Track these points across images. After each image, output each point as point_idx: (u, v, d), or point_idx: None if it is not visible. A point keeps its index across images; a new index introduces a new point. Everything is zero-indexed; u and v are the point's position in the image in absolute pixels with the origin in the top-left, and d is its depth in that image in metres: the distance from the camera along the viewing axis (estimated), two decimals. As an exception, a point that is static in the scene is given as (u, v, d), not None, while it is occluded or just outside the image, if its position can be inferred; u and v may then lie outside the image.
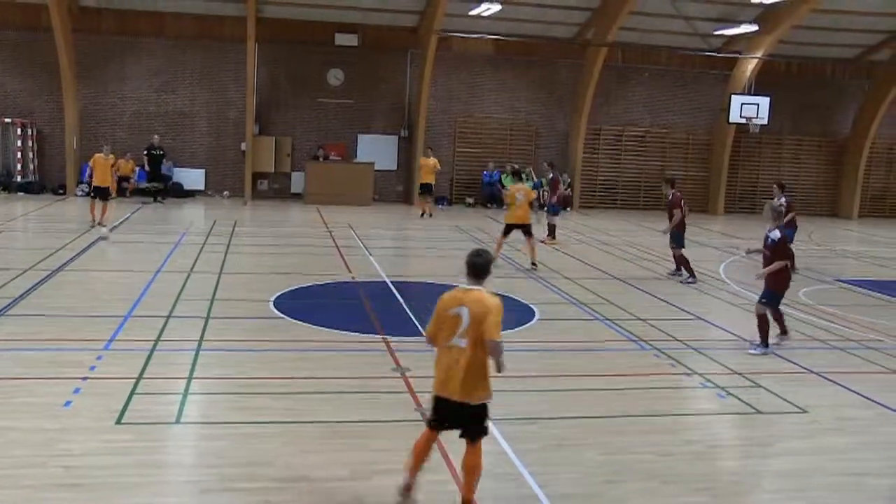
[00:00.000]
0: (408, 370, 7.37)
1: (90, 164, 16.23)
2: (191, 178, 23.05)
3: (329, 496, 4.91)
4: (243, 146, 22.64)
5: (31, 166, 21.96)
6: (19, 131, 21.53)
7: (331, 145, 23.34)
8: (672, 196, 12.86)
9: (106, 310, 9.18)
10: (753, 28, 22.08)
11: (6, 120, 21.54)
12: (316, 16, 22.51)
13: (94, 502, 4.69)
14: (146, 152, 21.03)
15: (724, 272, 14.04)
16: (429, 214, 20.49)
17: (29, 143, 21.81)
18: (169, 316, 8.98)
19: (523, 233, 13.11)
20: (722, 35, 23.17)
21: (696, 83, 25.50)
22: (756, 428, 6.50)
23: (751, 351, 8.54)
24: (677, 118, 25.68)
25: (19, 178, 21.70)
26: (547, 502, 4.93)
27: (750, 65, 23.79)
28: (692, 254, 15.72)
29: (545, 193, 24.57)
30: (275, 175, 23.67)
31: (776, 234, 8.48)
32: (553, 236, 17.00)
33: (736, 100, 23.23)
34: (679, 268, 13.00)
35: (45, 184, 22.12)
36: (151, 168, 21.11)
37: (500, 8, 20.19)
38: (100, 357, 7.37)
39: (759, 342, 8.56)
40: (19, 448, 5.31)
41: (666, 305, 10.95)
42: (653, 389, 7.26)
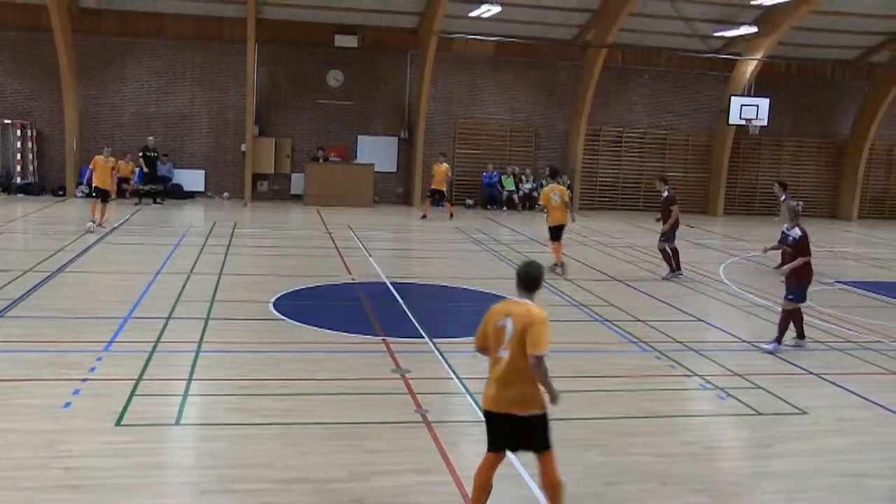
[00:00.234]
0: (408, 371, 7.37)
1: (90, 166, 16.22)
2: (190, 180, 23.04)
3: (329, 497, 4.91)
4: (243, 147, 22.65)
5: (31, 167, 21.95)
6: (19, 132, 21.53)
7: (331, 147, 23.34)
8: (668, 193, 13.06)
9: (105, 311, 9.18)
10: (753, 29, 22.10)
11: (6, 121, 21.53)
12: (316, 17, 22.53)
13: (94, 504, 4.69)
14: (141, 154, 21.02)
15: (724, 273, 14.04)
16: (450, 215, 20.84)
17: (28, 145, 21.81)
18: (169, 317, 8.98)
19: (554, 236, 12.93)
20: (722, 36, 23.18)
21: (696, 84, 25.51)
22: (756, 429, 6.50)
23: (763, 346, 8.71)
24: (677, 119, 25.70)
25: (19, 180, 21.69)
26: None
27: (749, 66, 23.81)
28: (692, 255, 15.76)
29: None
30: (275, 176, 23.68)
31: (797, 233, 8.75)
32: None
33: (736, 101, 23.25)
34: (673, 267, 13.08)
35: (45, 185, 22.12)
36: (147, 169, 21.09)
37: (500, 9, 20.20)
38: (99, 358, 7.36)
39: (774, 339, 8.73)
40: (19, 450, 5.31)
41: (666, 307, 10.95)
42: (653, 391, 7.26)
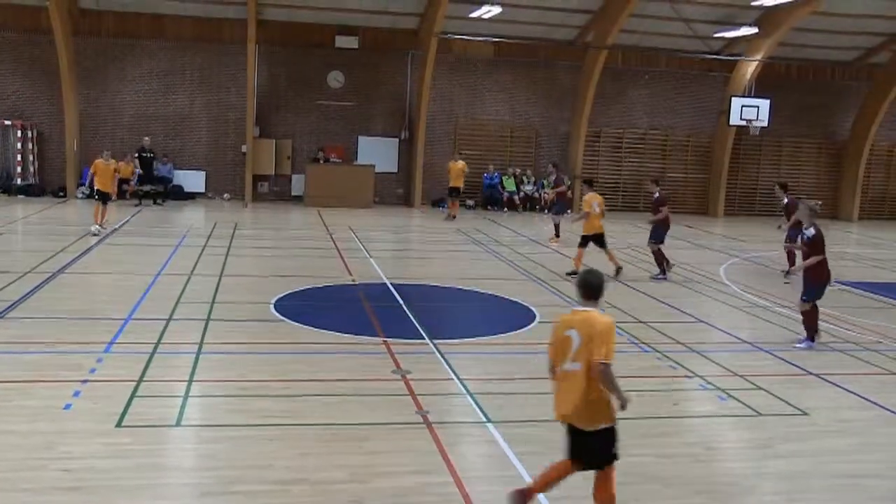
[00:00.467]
0: (408, 372, 7.37)
1: (91, 171, 16.15)
2: (191, 181, 23.05)
3: (329, 499, 4.91)
4: (244, 148, 22.66)
5: (31, 169, 21.96)
6: (19, 133, 21.54)
7: (331, 147, 23.35)
8: (659, 194, 13.26)
9: (106, 312, 9.18)
10: (753, 30, 22.10)
11: (6, 122, 21.54)
12: (316, 18, 22.55)
13: (94, 505, 4.69)
14: (136, 155, 21.01)
15: (725, 274, 14.04)
16: (452, 216, 20.78)
17: (29, 146, 21.82)
18: (169, 318, 8.98)
19: (600, 244, 12.93)
20: (722, 37, 23.18)
21: (697, 85, 25.52)
22: (756, 430, 6.50)
23: (797, 346, 8.90)
24: (677, 120, 25.70)
25: (19, 181, 21.71)
26: (547, 505, 4.92)
27: (750, 67, 23.82)
28: (693, 256, 15.76)
29: (546, 194, 24.67)
30: (275, 177, 23.68)
31: (811, 231, 8.94)
32: (558, 234, 17.38)
33: (736, 102, 23.26)
34: (662, 268, 13.18)
35: (45, 186, 22.13)
36: (142, 170, 21.08)
37: (501, 10, 20.22)
38: (100, 360, 7.36)
39: (805, 337, 8.96)
40: (19, 451, 5.31)
41: (667, 308, 10.95)
42: (653, 392, 7.25)
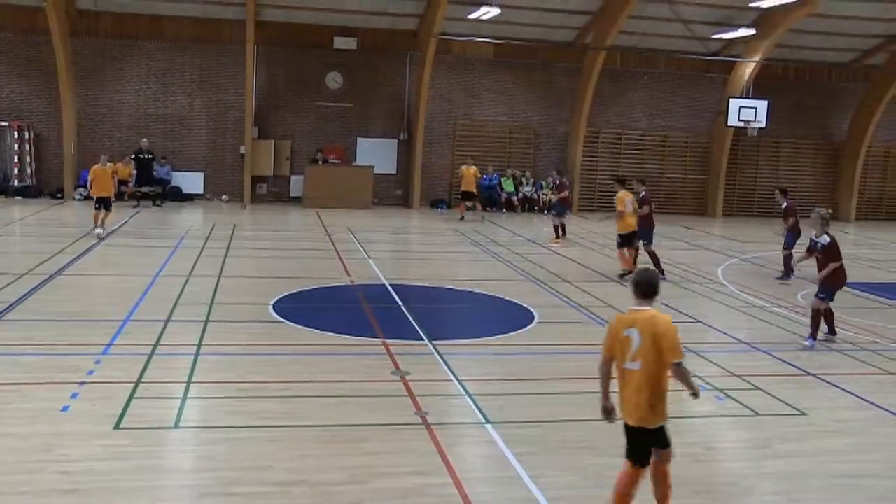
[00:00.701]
0: (407, 373, 7.37)
1: (90, 177, 15.90)
2: (189, 182, 23.03)
3: (328, 500, 4.91)
4: (242, 149, 22.65)
5: (29, 170, 21.92)
6: (16, 135, 21.51)
7: (330, 148, 23.35)
8: (644, 193, 13.38)
9: (104, 314, 9.17)
10: (751, 32, 22.14)
11: (3, 123, 21.51)
12: (315, 19, 22.56)
13: (93, 507, 4.68)
14: (133, 156, 21.01)
15: (723, 275, 14.06)
16: (461, 217, 21.03)
17: (26, 147, 21.78)
18: (168, 320, 8.97)
19: (630, 242, 12.92)
20: (720, 39, 23.22)
21: (695, 86, 25.56)
22: (754, 430, 6.51)
23: (805, 343, 8.96)
24: (676, 121, 25.73)
25: (16, 182, 21.67)
26: (546, 506, 4.93)
27: (748, 68, 23.86)
28: (691, 256, 15.77)
29: (544, 195, 24.71)
30: (274, 178, 23.68)
31: (826, 239, 9.01)
32: (558, 235, 17.57)
33: (734, 103, 23.30)
34: (660, 268, 13.09)
35: (43, 188, 22.11)
36: (140, 172, 21.07)
37: (500, 12, 20.24)
38: (98, 361, 7.35)
39: (809, 335, 9.01)
40: (17, 454, 5.30)
41: (664, 308, 10.92)
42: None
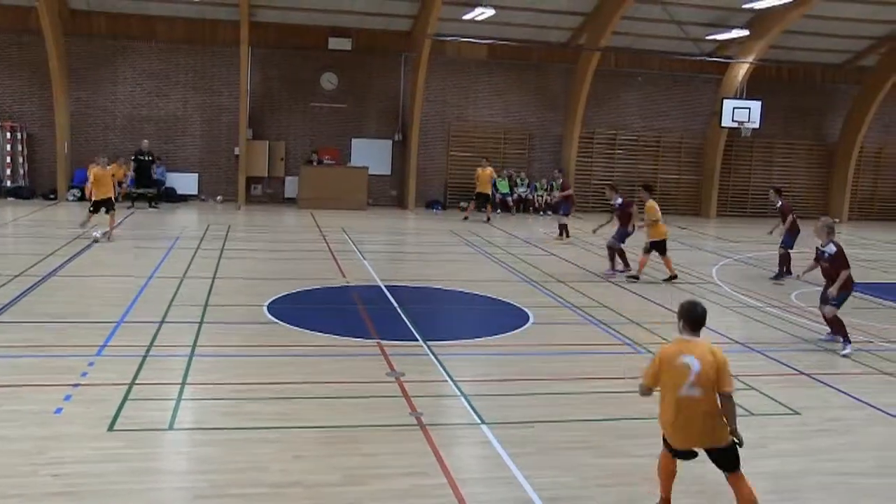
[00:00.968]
0: (402, 374, 7.37)
1: (90, 181, 15.54)
2: (184, 183, 22.97)
3: (323, 501, 4.90)
4: (237, 150, 22.61)
5: (21, 171, 21.83)
6: (9, 135, 21.39)
7: (324, 149, 23.32)
8: (623, 200, 13.90)
9: (98, 315, 9.14)
10: (745, 33, 22.22)
11: (-4, 124, 21.46)
12: (309, 20, 22.53)
13: (87, 509, 4.66)
14: (133, 157, 20.96)
15: (717, 275, 14.10)
16: (486, 218, 21.37)
17: (19, 148, 21.67)
18: (162, 321, 8.95)
19: (661, 250, 13.04)
20: (714, 40, 23.30)
21: (689, 87, 25.64)
22: (749, 429, 6.48)
23: (843, 352, 8.82)
24: (670, 122, 25.81)
25: (9, 183, 21.56)
26: (541, 506, 4.93)
27: (741, 69, 23.95)
28: (685, 257, 15.80)
29: (539, 196, 24.72)
30: (268, 179, 23.64)
31: (832, 248, 8.99)
32: (562, 235, 17.90)
33: (728, 104, 23.36)
34: (615, 266, 13.47)
35: (36, 188, 22.01)
36: (139, 173, 21.02)
37: (494, 13, 20.26)
38: (91, 363, 7.32)
39: (843, 340, 8.95)
40: (9, 457, 5.27)
41: (659, 308, 10.98)
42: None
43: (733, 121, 23.34)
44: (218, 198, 23.19)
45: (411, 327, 9.15)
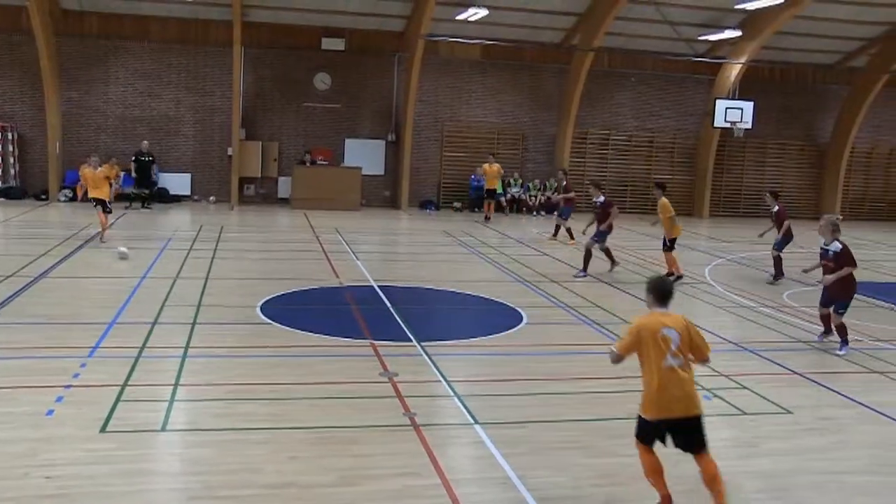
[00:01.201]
0: (395, 374, 7.37)
1: (81, 180, 15.48)
2: (176, 183, 22.91)
3: (317, 502, 4.90)
4: (230, 151, 22.55)
5: (13, 171, 21.72)
6: (0, 135, 21.32)
7: (317, 150, 23.29)
8: (605, 199, 13.83)
9: (90, 316, 9.10)
10: (737, 34, 22.32)
11: (-14, 124, 21.34)
12: (302, 20, 22.50)
13: (79, 511, 4.64)
14: (134, 158, 20.90)
15: (710, 275, 14.15)
16: (486, 218, 21.59)
17: (10, 148, 21.56)
18: (154, 322, 8.92)
19: (665, 245, 13.20)
20: (706, 40, 23.40)
21: (682, 88, 25.73)
22: (741, 429, 6.56)
23: (839, 352, 8.85)
24: (663, 122, 25.89)
25: (0, 184, 21.46)
26: (535, 506, 4.94)
27: (734, 70, 24.05)
28: (678, 256, 15.81)
29: (532, 196, 24.75)
30: (261, 180, 23.59)
31: (837, 246, 8.82)
32: (567, 236, 17.88)
33: (720, 104, 23.47)
34: (586, 266, 13.35)
35: (27, 189, 21.90)
36: (139, 174, 20.96)
37: (487, 13, 20.27)
38: (83, 364, 7.29)
39: (841, 342, 8.94)
40: (0, 459, 5.24)
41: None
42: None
43: (726, 121, 23.45)
44: (211, 198, 23.13)
45: (404, 328, 9.15)
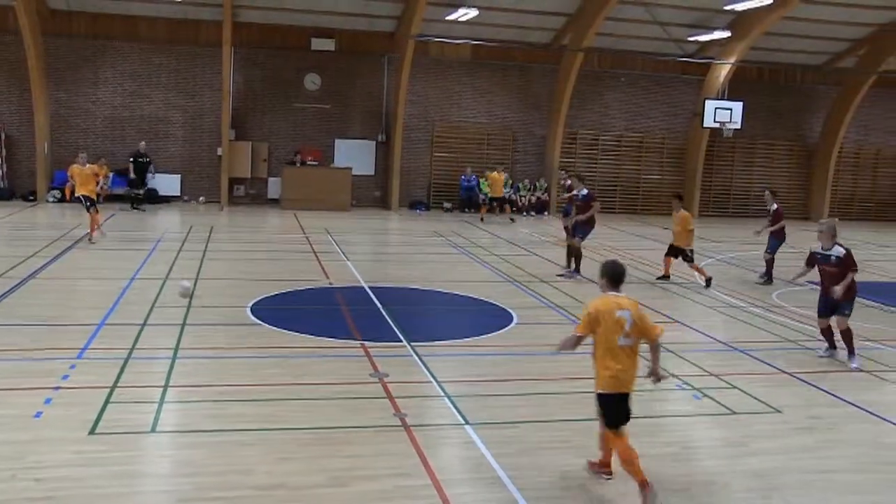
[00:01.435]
0: (386, 375, 7.36)
1: (69, 178, 15.44)
2: (166, 184, 22.79)
3: (308, 503, 4.89)
4: (219, 151, 22.46)
5: (0, 172, 21.55)
6: (-12, 136, 21.17)
7: (307, 150, 23.24)
8: (588, 191, 13.50)
9: (79, 318, 9.04)
10: (726, 34, 22.46)
11: (-26, 125, 21.16)
12: (292, 20, 22.45)
13: (68, 514, 4.61)
14: (132, 159, 20.80)
15: (700, 275, 14.18)
16: (510, 219, 22.40)
17: (-2, 149, 21.43)
18: (144, 323, 8.87)
19: (675, 253, 13.15)
20: (696, 41, 23.53)
21: (671, 88, 25.86)
22: (731, 428, 6.59)
23: (853, 365, 8.44)
24: (652, 122, 26.01)
25: (-12, 185, 21.32)
26: (526, 506, 4.95)
27: (723, 70, 24.19)
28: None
29: (521, 197, 24.81)
30: (251, 180, 23.52)
31: (840, 251, 8.70)
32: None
33: (710, 104, 23.61)
34: (574, 266, 13.25)
35: (15, 190, 21.73)
36: (137, 175, 20.87)
37: (477, 13, 20.30)
38: (72, 366, 7.25)
39: (850, 353, 8.56)
40: (-11, 460, 5.21)
41: (642, 309, 11.03)
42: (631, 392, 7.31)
43: (715, 121, 23.59)
44: (200, 199, 23.03)
45: (395, 328, 9.14)
